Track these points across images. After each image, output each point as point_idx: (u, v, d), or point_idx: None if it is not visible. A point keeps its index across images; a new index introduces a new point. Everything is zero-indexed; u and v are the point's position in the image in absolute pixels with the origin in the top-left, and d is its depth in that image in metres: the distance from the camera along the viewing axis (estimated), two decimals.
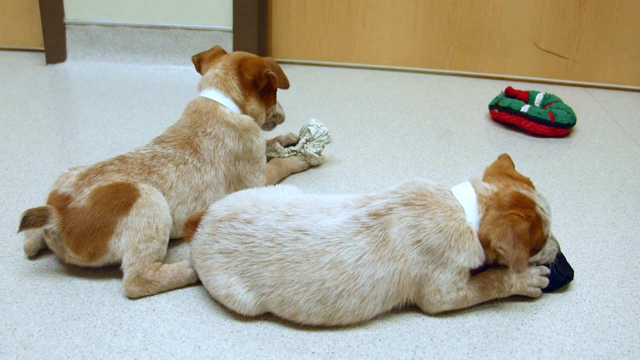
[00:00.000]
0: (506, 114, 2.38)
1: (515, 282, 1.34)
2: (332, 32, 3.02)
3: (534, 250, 1.32)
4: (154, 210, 1.38)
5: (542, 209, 1.30)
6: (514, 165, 1.42)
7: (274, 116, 1.84)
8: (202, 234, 1.31)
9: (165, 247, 1.40)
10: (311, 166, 2.00)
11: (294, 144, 2.00)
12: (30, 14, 3.01)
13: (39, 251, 1.47)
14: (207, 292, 1.34)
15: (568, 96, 2.73)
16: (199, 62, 1.77)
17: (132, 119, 2.34)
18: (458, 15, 2.91)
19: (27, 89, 2.63)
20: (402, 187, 1.31)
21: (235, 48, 2.88)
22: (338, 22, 2.99)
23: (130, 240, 1.34)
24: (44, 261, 1.46)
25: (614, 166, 2.11)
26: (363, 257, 1.23)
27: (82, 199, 1.36)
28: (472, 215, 1.28)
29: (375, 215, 1.26)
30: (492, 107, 2.45)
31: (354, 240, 1.24)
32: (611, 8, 2.80)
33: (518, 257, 1.23)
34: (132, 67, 2.92)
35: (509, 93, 2.45)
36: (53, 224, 1.32)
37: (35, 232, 1.46)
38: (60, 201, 1.37)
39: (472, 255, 1.27)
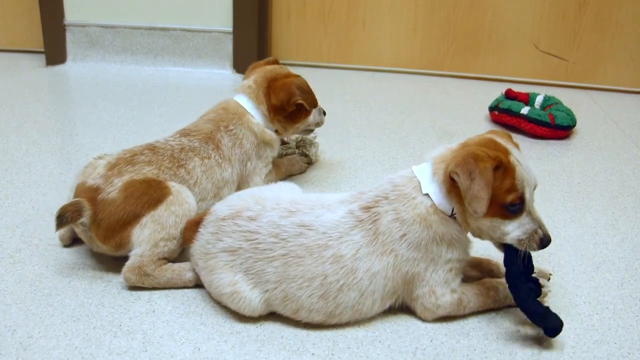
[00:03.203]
0: (506, 115, 2.38)
1: (510, 293, 1.33)
2: (332, 33, 3.02)
3: (505, 209, 1.19)
4: (184, 210, 1.39)
5: (518, 162, 1.20)
6: (511, 139, 1.31)
7: (308, 125, 1.85)
8: (204, 234, 1.31)
9: (179, 250, 1.42)
10: (309, 164, 2.00)
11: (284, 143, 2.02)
12: (30, 15, 3.01)
13: (73, 240, 1.51)
14: (208, 293, 1.34)
15: (568, 98, 2.72)
16: (249, 69, 1.84)
17: (132, 121, 2.34)
18: (458, 16, 2.92)
19: (27, 91, 2.63)
20: (382, 183, 1.32)
21: (235, 49, 2.88)
22: (338, 24, 3.00)
23: (153, 235, 1.36)
24: (44, 262, 1.46)
25: (614, 168, 2.11)
26: (359, 250, 1.24)
27: (112, 191, 1.37)
28: (429, 185, 1.25)
29: (366, 208, 1.27)
30: (492, 109, 2.45)
31: (351, 234, 1.25)
32: (611, 9, 2.80)
33: (476, 194, 1.14)
34: (132, 68, 2.92)
35: (509, 95, 2.45)
36: (86, 217, 1.34)
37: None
38: (90, 193, 1.38)
39: (450, 235, 1.23)
